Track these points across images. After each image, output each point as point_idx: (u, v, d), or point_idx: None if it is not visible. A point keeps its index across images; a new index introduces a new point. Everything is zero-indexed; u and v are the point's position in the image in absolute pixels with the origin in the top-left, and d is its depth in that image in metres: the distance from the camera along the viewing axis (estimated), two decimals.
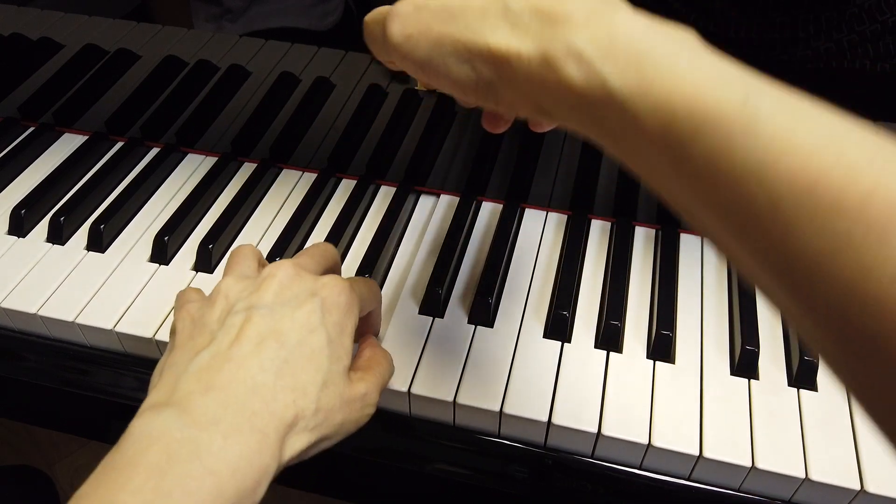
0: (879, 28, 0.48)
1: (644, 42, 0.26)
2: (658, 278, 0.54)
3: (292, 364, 0.35)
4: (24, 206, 0.59)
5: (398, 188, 0.62)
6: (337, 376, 0.36)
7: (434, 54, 0.30)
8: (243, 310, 0.36)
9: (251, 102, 0.65)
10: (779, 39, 0.50)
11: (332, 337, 0.37)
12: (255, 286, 0.37)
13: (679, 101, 0.24)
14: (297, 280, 0.38)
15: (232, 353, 0.34)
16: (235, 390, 0.33)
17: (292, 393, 0.34)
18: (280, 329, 0.35)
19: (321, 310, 0.37)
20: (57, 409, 0.59)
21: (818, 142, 0.22)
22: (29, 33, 0.67)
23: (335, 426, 0.36)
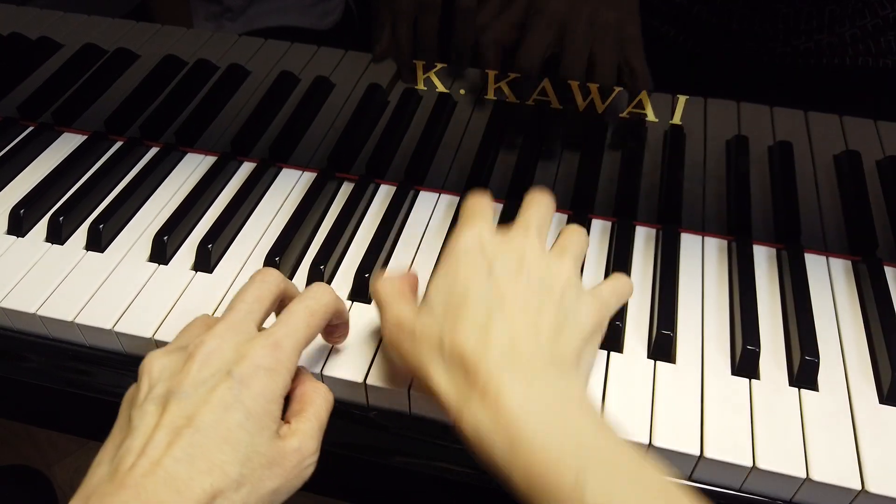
0: (881, 23, 0.48)
1: (517, 425, 0.35)
2: (659, 278, 0.54)
3: (207, 447, 0.35)
4: (23, 205, 0.59)
5: (398, 188, 0.62)
6: (262, 447, 0.37)
7: (407, 365, 0.41)
8: (161, 396, 0.37)
9: (251, 102, 0.65)
10: (781, 30, 0.50)
11: (252, 409, 0.37)
12: (178, 366, 0.38)
13: (534, 477, 0.34)
14: (217, 356, 0.38)
15: (147, 447, 0.35)
16: (148, 485, 0.33)
17: (209, 476, 0.34)
18: (194, 414, 0.36)
19: (239, 386, 0.37)
20: (56, 409, 0.58)
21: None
22: (28, 32, 0.67)
23: (267, 495, 0.37)
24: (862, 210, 0.55)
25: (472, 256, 0.42)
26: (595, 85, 0.54)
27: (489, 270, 0.40)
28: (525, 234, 0.43)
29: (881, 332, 0.50)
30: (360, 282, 0.53)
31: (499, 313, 0.38)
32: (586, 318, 0.41)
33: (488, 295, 0.39)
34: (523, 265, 0.41)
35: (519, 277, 0.40)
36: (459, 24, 0.54)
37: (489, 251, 0.42)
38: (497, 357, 0.37)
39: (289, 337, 0.39)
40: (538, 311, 0.39)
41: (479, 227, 0.43)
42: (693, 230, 0.59)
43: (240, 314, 0.41)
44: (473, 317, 0.38)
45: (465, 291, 0.40)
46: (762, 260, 0.57)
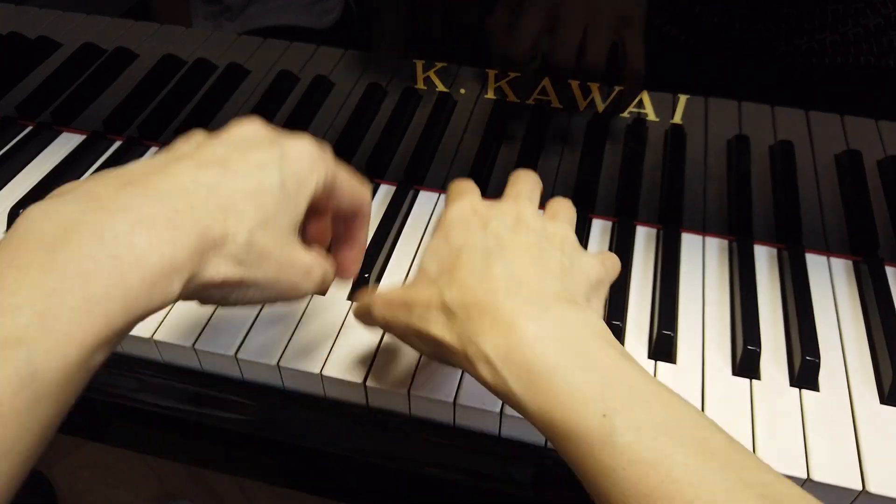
0: (883, 23, 0.48)
1: (533, 353, 0.32)
2: (659, 278, 0.54)
3: (231, 189, 0.32)
4: (22, 205, 0.59)
5: (397, 187, 0.62)
6: (281, 224, 0.34)
7: (403, 334, 0.38)
8: (197, 142, 0.35)
9: (250, 101, 0.64)
10: (784, 30, 0.50)
11: (288, 184, 0.34)
12: (223, 130, 0.36)
13: (556, 412, 0.31)
14: (260, 126, 0.36)
15: (167, 167, 0.32)
16: (158, 187, 0.30)
17: (223, 212, 0.31)
18: (228, 158, 0.33)
19: (281, 157, 0.35)
20: None
21: (654, 458, 0.29)
22: (27, 32, 0.67)
23: (267, 274, 0.34)
24: (863, 210, 0.55)
25: (466, 220, 0.39)
26: (595, 84, 0.54)
27: (484, 226, 0.38)
28: (516, 200, 0.41)
29: (882, 333, 0.50)
30: (359, 281, 0.53)
31: (499, 258, 0.36)
32: (589, 267, 0.39)
33: (485, 244, 0.37)
34: (520, 221, 0.39)
35: (518, 229, 0.38)
36: (461, 20, 0.53)
37: (482, 212, 0.39)
38: (502, 288, 0.34)
39: (329, 152, 0.38)
40: (541, 255, 0.37)
41: (468, 198, 0.41)
42: (694, 230, 0.59)
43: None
44: (472, 262, 0.36)
45: (461, 247, 0.37)
46: (763, 260, 0.57)
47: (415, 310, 0.36)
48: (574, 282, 0.37)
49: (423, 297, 0.36)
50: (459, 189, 0.43)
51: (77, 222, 0.28)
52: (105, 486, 1.24)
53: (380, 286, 0.54)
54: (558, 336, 0.33)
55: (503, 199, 0.42)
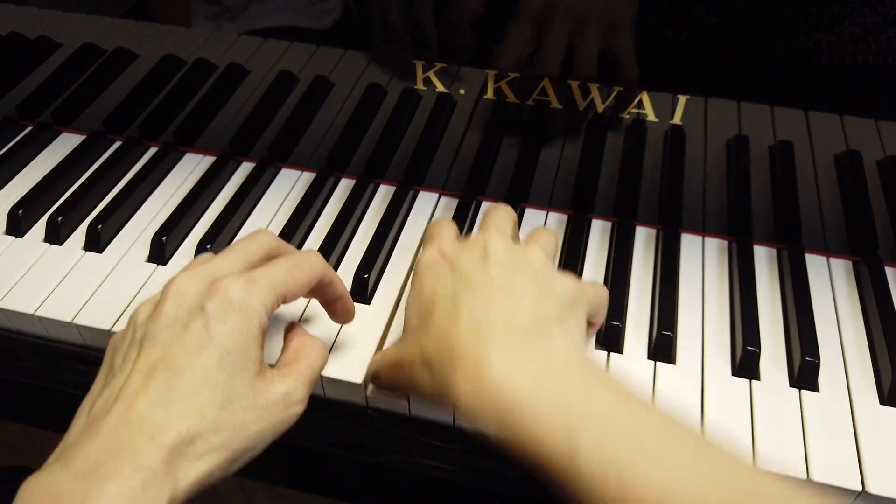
0: (881, 21, 0.48)
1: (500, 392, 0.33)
2: (659, 278, 0.54)
3: (183, 390, 0.34)
4: (22, 205, 0.59)
5: (397, 187, 0.62)
6: (243, 388, 0.35)
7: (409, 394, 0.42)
8: (138, 340, 0.36)
9: (250, 101, 0.64)
10: (782, 31, 0.50)
11: (230, 348, 0.35)
12: (156, 309, 0.37)
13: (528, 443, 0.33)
14: (188, 293, 0.37)
15: (123, 392, 0.34)
16: (121, 432, 0.33)
17: (185, 420, 0.33)
18: (169, 356, 0.35)
19: (212, 322, 0.35)
20: (54, 409, 0.58)
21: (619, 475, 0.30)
22: (27, 32, 0.67)
23: (250, 438, 0.35)
24: (862, 210, 0.55)
25: (435, 267, 0.41)
26: (595, 85, 0.54)
27: (452, 269, 0.40)
28: (484, 232, 0.42)
29: (882, 333, 0.50)
30: (359, 282, 0.53)
31: (467, 296, 0.37)
32: (563, 289, 0.39)
33: (454, 290, 0.38)
34: (488, 254, 0.39)
35: (485, 264, 0.39)
36: (455, 18, 0.53)
37: (450, 255, 0.41)
38: (470, 332, 0.35)
39: (265, 277, 0.38)
40: (509, 286, 0.38)
41: (437, 242, 0.42)
42: (693, 230, 0.59)
43: (220, 259, 0.40)
44: (442, 310, 0.37)
45: (432, 297, 0.39)
46: (763, 260, 0.57)
47: (405, 369, 0.38)
48: (544, 305, 0.38)
49: (409, 353, 0.38)
50: (430, 234, 0.44)
51: (56, 495, 0.31)
52: None
53: (378, 288, 0.54)
54: (524, 371, 0.34)
55: (474, 235, 0.43)
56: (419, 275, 0.41)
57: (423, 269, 0.41)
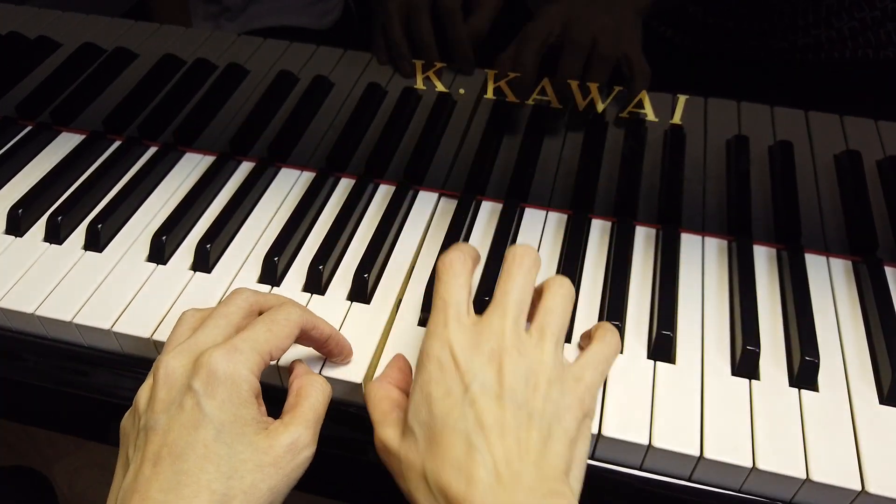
0: (880, 15, 0.48)
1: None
2: (659, 278, 0.54)
3: (188, 471, 0.35)
4: (22, 205, 0.59)
5: (397, 187, 0.62)
6: (245, 453, 0.37)
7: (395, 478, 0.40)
8: (143, 429, 0.38)
9: (249, 101, 0.64)
10: (778, 27, 0.50)
11: (223, 419, 0.37)
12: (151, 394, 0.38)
13: None
14: (175, 373, 0.38)
15: (137, 482, 0.36)
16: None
17: (196, 499, 0.35)
18: (170, 441, 0.36)
19: (201, 399, 0.37)
20: (55, 409, 0.58)
21: None
22: (26, 32, 0.67)
23: (264, 496, 0.37)
24: (862, 210, 0.55)
25: (445, 373, 0.38)
26: (595, 84, 0.54)
27: (465, 390, 0.37)
28: (502, 319, 0.40)
29: (881, 333, 0.50)
30: (359, 282, 0.53)
31: (481, 443, 0.36)
32: (570, 421, 0.38)
33: (466, 424, 0.37)
34: (502, 375, 0.38)
35: (498, 397, 0.37)
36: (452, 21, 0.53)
37: (461, 363, 0.38)
38: (482, 493, 0.35)
39: (245, 341, 0.39)
40: (520, 431, 0.37)
41: (450, 329, 0.39)
42: (693, 230, 0.59)
43: (203, 331, 0.41)
44: (454, 452, 0.36)
45: (444, 419, 0.37)
46: (762, 260, 0.57)
47: (405, 469, 0.38)
48: (554, 455, 0.37)
49: (412, 462, 0.38)
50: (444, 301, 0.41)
51: None
52: (105, 485, 1.23)
53: (378, 288, 0.54)
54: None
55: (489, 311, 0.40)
56: (427, 372, 0.39)
57: (433, 366, 0.39)
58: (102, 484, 1.24)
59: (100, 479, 1.26)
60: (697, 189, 0.58)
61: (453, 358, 0.38)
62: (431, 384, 0.38)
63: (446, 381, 0.38)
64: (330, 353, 0.46)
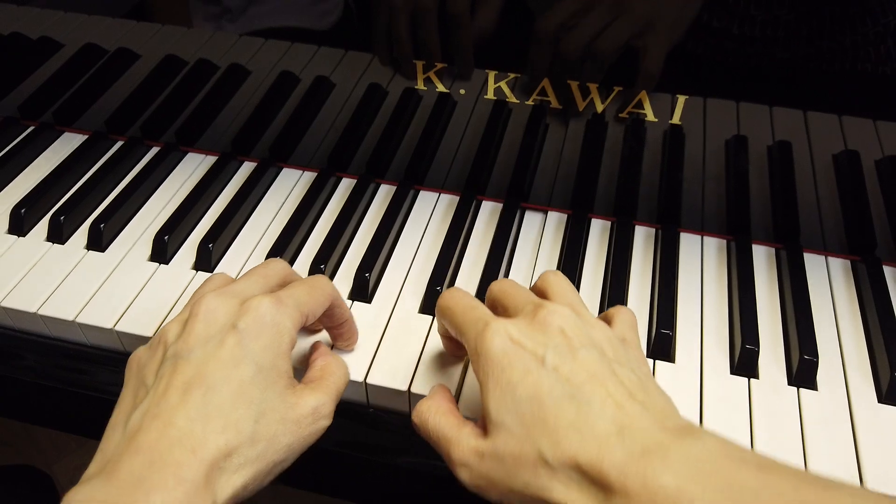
0: (882, 30, 0.48)
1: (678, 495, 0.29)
2: (658, 277, 0.55)
3: (219, 405, 0.35)
4: (24, 205, 0.59)
5: (398, 187, 0.62)
6: (275, 401, 0.37)
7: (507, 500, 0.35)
8: (171, 357, 0.37)
9: (251, 102, 0.65)
10: (782, 37, 0.50)
11: (262, 364, 0.37)
12: (186, 327, 0.38)
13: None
14: (219, 312, 0.38)
15: (160, 408, 0.35)
16: (162, 446, 0.33)
17: (223, 434, 0.34)
18: (204, 372, 0.36)
19: (245, 339, 0.37)
20: (57, 408, 0.58)
21: None
22: (29, 32, 0.67)
23: (282, 450, 0.37)
24: (861, 210, 0.55)
25: (514, 356, 0.36)
26: (594, 85, 0.55)
27: (541, 362, 0.35)
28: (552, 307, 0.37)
29: (880, 332, 0.50)
30: (360, 281, 0.53)
31: (583, 401, 0.34)
32: (642, 358, 0.38)
33: (562, 389, 0.34)
34: (569, 337, 0.36)
35: (575, 353, 0.35)
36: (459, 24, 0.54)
37: (526, 343, 0.36)
38: (615, 447, 0.32)
39: (291, 297, 0.40)
40: (613, 376, 0.35)
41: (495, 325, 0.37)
42: (692, 230, 0.59)
43: (242, 282, 0.41)
44: (565, 417, 0.33)
45: (536, 395, 0.34)
46: (761, 259, 0.57)
47: (512, 468, 0.34)
48: (654, 390, 0.35)
49: (519, 454, 0.34)
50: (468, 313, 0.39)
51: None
52: None
53: (379, 288, 0.54)
54: (696, 476, 0.30)
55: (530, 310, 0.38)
56: (495, 367, 0.36)
57: (498, 358, 0.36)
58: None
59: None
60: (697, 189, 0.58)
61: (515, 342, 0.36)
62: (505, 373, 0.35)
63: (520, 364, 0.35)
64: (342, 336, 0.47)
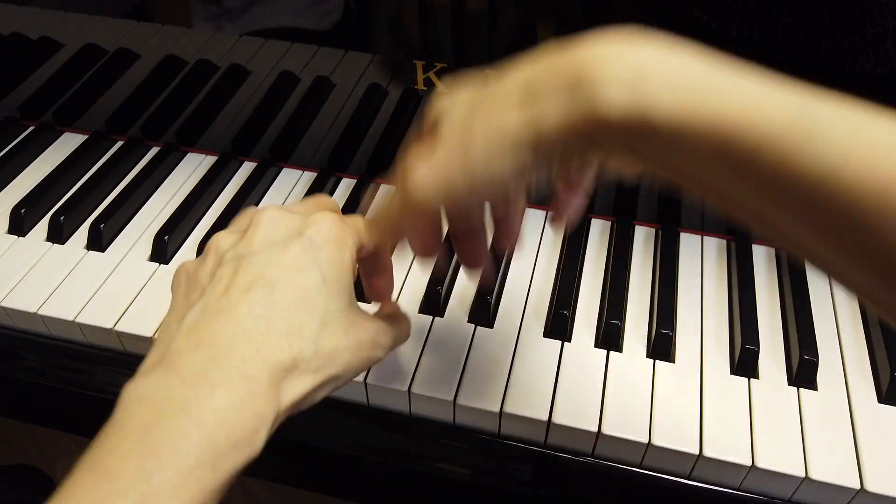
0: (881, 31, 0.48)
1: (672, 66, 0.26)
2: (658, 277, 0.55)
3: (284, 307, 0.33)
4: (24, 205, 0.59)
5: None
6: (338, 315, 0.35)
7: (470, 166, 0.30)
8: (231, 259, 0.35)
9: (251, 102, 0.65)
10: (781, 39, 0.50)
11: (328, 274, 0.35)
12: (243, 235, 0.36)
13: (731, 122, 0.24)
14: (283, 222, 0.36)
15: (221, 304, 0.33)
16: (224, 341, 0.32)
17: (287, 337, 0.33)
18: (268, 273, 0.34)
19: (311, 247, 0.35)
20: (57, 408, 0.59)
21: (882, 147, 0.23)
22: (29, 32, 0.67)
23: (341, 366, 0.35)
24: None
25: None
26: None
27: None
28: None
29: (880, 332, 0.50)
30: (360, 281, 0.53)
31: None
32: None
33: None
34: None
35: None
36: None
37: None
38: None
39: (351, 219, 0.38)
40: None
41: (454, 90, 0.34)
42: (692, 230, 0.59)
43: (299, 204, 0.39)
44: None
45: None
46: (761, 259, 0.57)
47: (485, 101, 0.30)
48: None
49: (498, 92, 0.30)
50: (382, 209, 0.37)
51: (165, 400, 0.31)
52: None
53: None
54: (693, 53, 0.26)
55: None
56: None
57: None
58: None
59: None
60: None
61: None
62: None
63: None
64: (377, 285, 0.43)
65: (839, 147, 0.23)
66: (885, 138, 0.23)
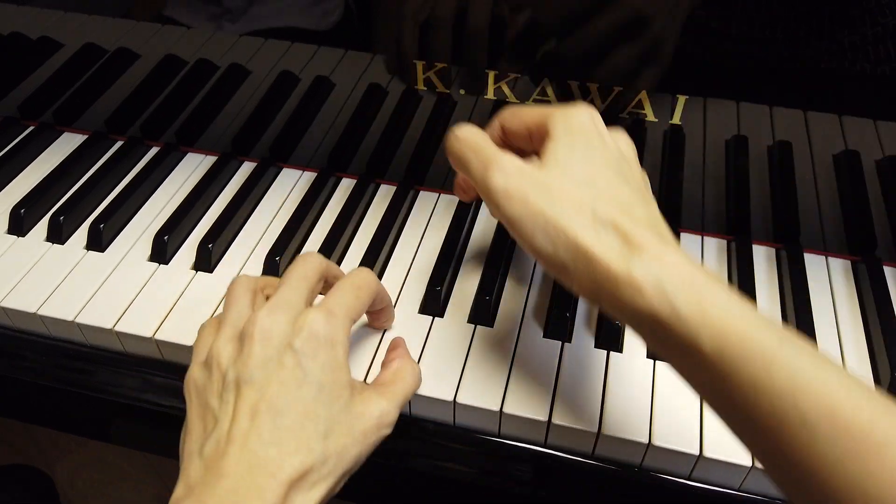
0: (881, 31, 0.48)
1: (698, 282, 0.33)
2: None
3: (289, 427, 0.36)
4: (24, 205, 0.59)
5: (398, 187, 0.62)
6: (340, 415, 0.37)
7: (525, 220, 0.36)
8: (233, 382, 0.37)
9: (251, 101, 0.65)
10: (781, 37, 0.50)
11: (324, 381, 0.37)
12: (240, 349, 0.38)
13: (732, 334, 0.31)
14: (274, 331, 0.38)
15: (233, 434, 0.35)
16: (241, 471, 0.34)
17: (297, 455, 0.35)
18: (269, 396, 0.36)
19: (302, 360, 0.37)
20: (57, 408, 0.59)
21: (834, 381, 0.30)
22: (28, 32, 0.67)
23: (351, 461, 0.37)
24: (861, 210, 0.55)
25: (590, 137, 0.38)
26: (595, 85, 0.55)
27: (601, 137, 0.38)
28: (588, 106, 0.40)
29: (880, 332, 0.50)
30: None
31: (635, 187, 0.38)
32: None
33: (619, 176, 0.37)
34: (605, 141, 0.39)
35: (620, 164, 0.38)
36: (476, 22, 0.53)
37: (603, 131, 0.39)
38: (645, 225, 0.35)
39: (340, 306, 0.40)
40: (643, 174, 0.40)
41: (589, 109, 0.39)
42: (692, 230, 0.59)
43: (287, 290, 0.40)
44: (619, 196, 0.36)
45: (603, 171, 0.37)
46: (761, 260, 0.57)
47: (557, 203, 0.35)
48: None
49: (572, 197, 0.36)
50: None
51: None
52: (107, 484, 1.24)
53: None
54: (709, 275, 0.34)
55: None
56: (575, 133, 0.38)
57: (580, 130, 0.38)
58: (104, 483, 1.24)
59: (101, 477, 1.26)
60: (697, 189, 0.58)
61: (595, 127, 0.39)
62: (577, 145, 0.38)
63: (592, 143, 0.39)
64: (379, 318, 0.48)
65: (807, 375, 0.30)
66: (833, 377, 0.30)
